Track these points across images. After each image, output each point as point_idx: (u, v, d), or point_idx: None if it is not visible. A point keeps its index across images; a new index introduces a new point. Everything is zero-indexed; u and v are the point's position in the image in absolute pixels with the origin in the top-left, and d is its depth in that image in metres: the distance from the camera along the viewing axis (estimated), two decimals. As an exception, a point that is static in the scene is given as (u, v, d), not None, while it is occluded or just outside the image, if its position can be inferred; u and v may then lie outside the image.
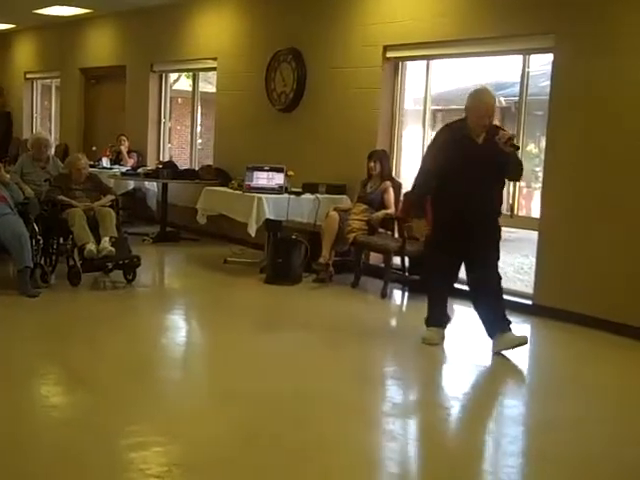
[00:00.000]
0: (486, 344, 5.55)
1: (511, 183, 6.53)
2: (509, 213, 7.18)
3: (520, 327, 6.31)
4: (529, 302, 6.68)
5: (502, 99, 13.70)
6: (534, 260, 6.81)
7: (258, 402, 4.25)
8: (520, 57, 6.99)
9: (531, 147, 11.13)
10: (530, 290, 6.80)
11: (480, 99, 5.24)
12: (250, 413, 4.09)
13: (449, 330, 5.70)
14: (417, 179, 5.53)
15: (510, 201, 7.19)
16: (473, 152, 5.24)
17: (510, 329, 5.38)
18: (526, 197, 11.36)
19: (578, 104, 6.24)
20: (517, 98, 7.31)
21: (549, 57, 6.59)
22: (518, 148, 5.15)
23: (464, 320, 6.72)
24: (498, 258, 5.50)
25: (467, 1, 7.12)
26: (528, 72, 6.95)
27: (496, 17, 6.83)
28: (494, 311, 5.43)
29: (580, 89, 6.22)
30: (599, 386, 4.88)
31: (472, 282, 5.54)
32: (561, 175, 6.42)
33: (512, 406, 4.69)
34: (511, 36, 6.82)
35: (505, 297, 6.85)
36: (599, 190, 6.10)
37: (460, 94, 14.55)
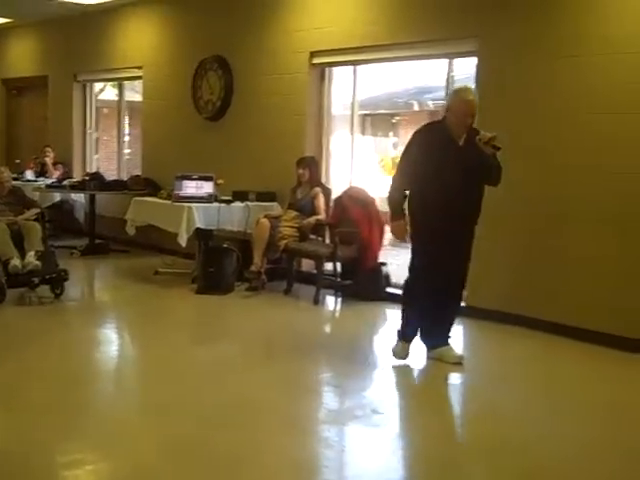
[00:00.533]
0: (420, 348, 5.58)
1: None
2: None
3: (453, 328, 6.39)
4: (462, 304, 6.69)
5: (430, 103, 13.90)
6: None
7: (192, 414, 4.18)
8: (445, 61, 7.07)
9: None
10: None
11: (463, 97, 5.01)
12: (184, 426, 4.02)
13: (386, 334, 5.70)
14: (394, 182, 5.23)
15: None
16: (455, 154, 5.02)
17: (450, 344, 5.38)
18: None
19: (502, 106, 6.32)
20: (443, 102, 7.37)
21: (475, 60, 6.66)
22: (500, 149, 4.88)
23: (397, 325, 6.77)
24: (468, 268, 5.35)
25: (392, 7, 7.16)
26: (453, 76, 7.04)
27: (421, 22, 6.89)
28: (448, 322, 5.39)
29: (503, 91, 6.31)
30: (530, 383, 4.95)
31: (440, 288, 5.25)
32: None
33: (448, 407, 4.73)
34: (436, 40, 6.88)
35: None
36: (523, 190, 6.17)
37: (388, 98, 14.78)
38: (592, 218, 5.84)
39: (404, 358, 5.28)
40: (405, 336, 5.32)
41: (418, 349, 5.51)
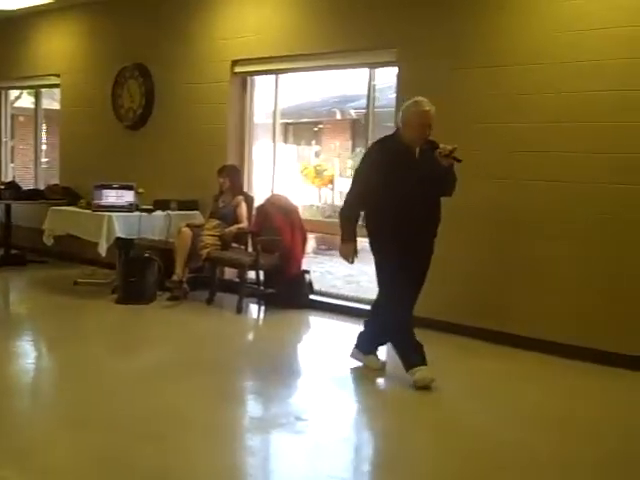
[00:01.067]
0: (344, 355, 5.61)
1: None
2: (362, 224, 7.32)
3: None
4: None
5: (352, 111, 14.03)
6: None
7: (114, 427, 4.09)
8: (366, 70, 7.15)
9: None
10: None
11: (419, 109, 4.88)
12: (106, 439, 3.93)
13: (310, 342, 5.70)
14: (348, 199, 5.06)
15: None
16: (413, 167, 4.91)
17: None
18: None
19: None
20: (364, 110, 7.45)
21: (395, 70, 6.75)
22: (461, 161, 4.77)
23: (323, 332, 6.80)
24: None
25: (313, 16, 7.22)
26: (374, 85, 7.13)
27: (342, 32, 6.96)
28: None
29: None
30: (455, 389, 5.03)
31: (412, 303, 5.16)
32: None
33: (371, 413, 4.75)
34: (357, 50, 6.96)
35: (361, 306, 7.06)
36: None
37: (310, 107, 14.85)
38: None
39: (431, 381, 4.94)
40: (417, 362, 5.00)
41: (343, 358, 5.55)
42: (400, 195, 4.84)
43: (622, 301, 5.52)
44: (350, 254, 5.07)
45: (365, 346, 5.40)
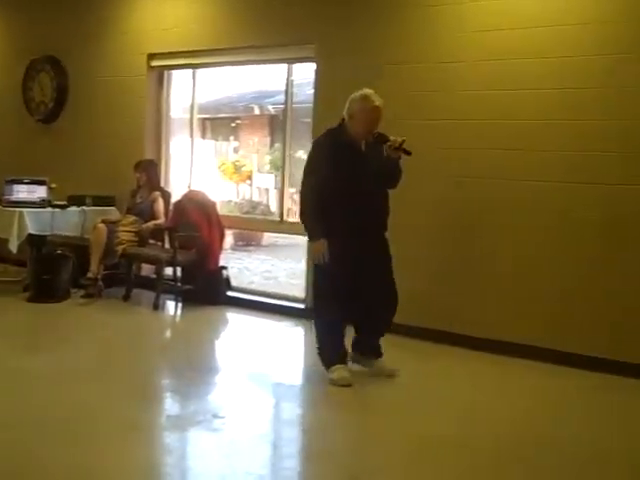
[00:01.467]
0: (262, 351, 5.61)
1: (277, 190, 6.60)
2: (279, 219, 7.35)
3: (293, 330, 6.49)
4: (302, 306, 6.83)
5: (270, 107, 14.01)
6: (306, 265, 6.97)
7: (24, 428, 3.97)
8: (285, 66, 7.15)
9: (300, 154, 11.42)
10: (303, 294, 6.94)
11: (369, 103, 4.80)
12: (16, 438, 3.83)
13: (227, 338, 5.64)
14: (306, 196, 4.90)
15: (279, 207, 7.34)
16: (361, 161, 4.85)
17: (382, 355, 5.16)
18: (297, 203, 11.63)
19: (339, 111, 6.46)
20: (283, 106, 7.44)
21: (313, 66, 6.77)
22: (411, 153, 4.69)
23: (241, 328, 6.78)
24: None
25: (230, 11, 7.18)
26: (292, 80, 7.14)
27: (260, 27, 6.95)
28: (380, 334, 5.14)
29: (340, 96, 6.44)
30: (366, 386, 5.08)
31: (369, 306, 5.02)
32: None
33: (288, 409, 4.78)
34: (274, 45, 6.96)
35: (279, 302, 7.06)
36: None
37: (228, 102, 14.75)
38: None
39: (349, 382, 4.88)
40: (338, 359, 4.97)
41: (260, 355, 5.54)
42: (348, 189, 4.77)
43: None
44: (323, 252, 4.80)
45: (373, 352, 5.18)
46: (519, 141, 5.65)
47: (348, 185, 4.77)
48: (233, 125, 15.83)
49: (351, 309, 4.96)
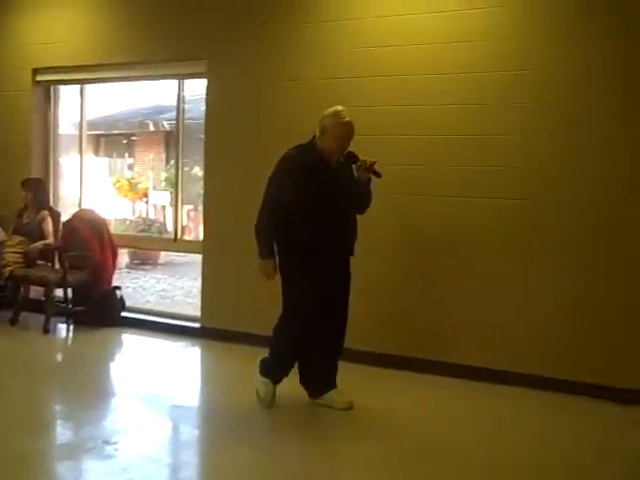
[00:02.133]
0: (156, 373, 5.47)
1: (173, 206, 6.49)
2: (172, 237, 7.23)
3: (190, 350, 6.37)
4: (197, 325, 6.72)
5: (165, 123, 13.83)
6: (201, 283, 6.85)
7: None
8: (176, 82, 7.04)
9: (196, 170, 11.32)
10: (199, 313, 6.82)
11: (341, 119, 4.58)
12: None
13: (122, 360, 5.45)
14: (263, 212, 4.68)
15: (174, 225, 7.22)
16: (329, 179, 4.61)
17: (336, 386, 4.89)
18: (194, 220, 11.52)
19: (231, 126, 6.43)
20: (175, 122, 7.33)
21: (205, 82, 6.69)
22: (381, 175, 4.54)
23: (135, 350, 6.61)
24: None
25: (120, 25, 7.03)
26: (184, 96, 7.04)
27: (150, 42, 6.83)
28: (332, 366, 4.89)
29: (232, 112, 6.42)
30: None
31: (322, 328, 4.74)
32: (220, 197, 6.56)
33: (184, 431, 4.66)
34: (165, 61, 6.86)
35: (174, 322, 6.93)
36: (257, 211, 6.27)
37: (123, 118, 14.50)
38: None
39: (272, 403, 4.80)
40: (277, 378, 4.84)
41: (153, 376, 5.41)
42: (315, 209, 4.56)
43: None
44: (271, 271, 4.67)
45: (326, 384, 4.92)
46: (419, 156, 5.69)
47: (317, 204, 4.56)
48: (126, 142, 15.57)
49: (314, 330, 4.71)
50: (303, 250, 4.59)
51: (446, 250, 5.64)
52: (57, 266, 7.13)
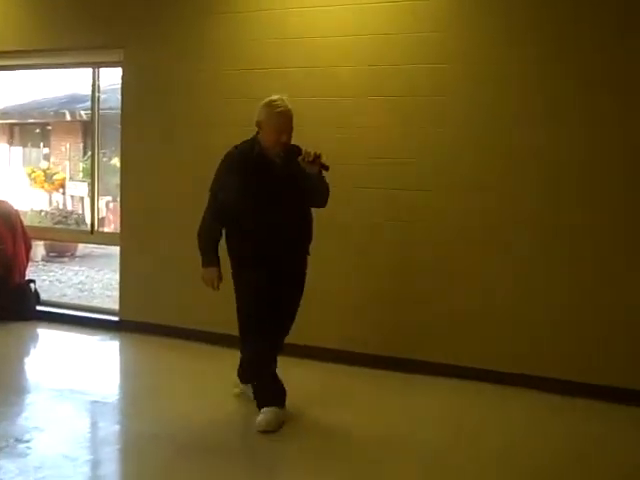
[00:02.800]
0: (70, 368, 5.35)
1: (91, 198, 6.34)
2: (89, 229, 7.08)
3: (108, 344, 6.25)
4: (116, 318, 6.59)
5: (82, 112, 13.53)
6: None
7: None
8: (90, 70, 6.88)
9: (115, 160, 11.12)
10: (117, 306, 6.70)
11: (276, 107, 4.30)
12: None
13: (37, 355, 5.30)
14: (205, 217, 4.47)
15: (91, 217, 7.08)
16: (273, 176, 4.35)
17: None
18: (114, 212, 11.31)
19: (147, 116, 6.32)
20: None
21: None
22: (328, 168, 4.28)
23: (50, 344, 6.47)
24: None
25: (33, 11, 6.80)
26: (99, 85, 6.88)
27: (64, 29, 6.62)
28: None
29: (149, 102, 6.31)
30: (181, 392, 4.97)
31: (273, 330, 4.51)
32: (136, 187, 6.45)
33: (103, 427, 4.58)
34: (79, 49, 6.66)
35: (92, 315, 6.81)
36: (177, 199, 6.20)
37: (38, 107, 14.12)
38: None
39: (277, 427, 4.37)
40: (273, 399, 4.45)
41: (67, 370, 5.29)
42: (260, 209, 4.33)
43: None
44: (214, 280, 4.46)
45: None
46: (351, 148, 5.60)
47: (258, 204, 4.34)
48: (41, 131, 15.17)
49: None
50: (251, 253, 4.37)
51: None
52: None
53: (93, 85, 6.86)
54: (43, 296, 7.13)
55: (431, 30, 5.36)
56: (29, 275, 7.08)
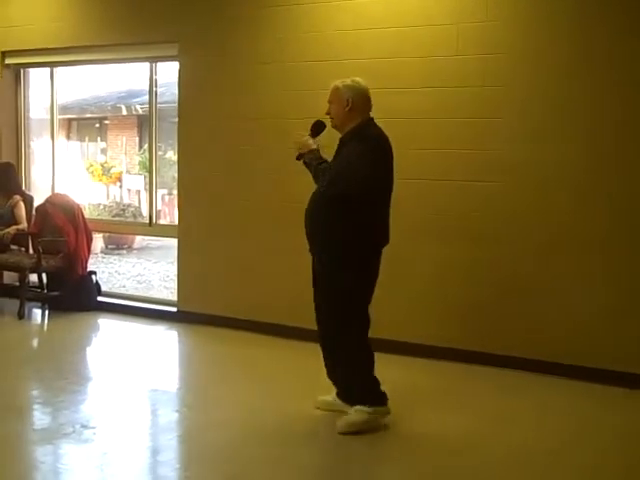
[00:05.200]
0: (134, 359, 5.46)
1: (147, 191, 6.43)
2: (148, 222, 7.19)
3: (167, 334, 6.36)
4: (174, 309, 6.70)
5: (138, 107, 13.73)
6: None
7: None
8: (147, 65, 6.98)
9: (170, 154, 11.27)
10: (175, 298, 6.80)
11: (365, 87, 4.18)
12: None
13: (99, 345, 5.42)
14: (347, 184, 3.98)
15: (149, 209, 7.18)
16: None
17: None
18: (169, 204, 11.48)
19: (204, 109, 6.38)
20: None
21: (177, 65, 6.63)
22: (298, 158, 4.23)
23: (111, 334, 6.59)
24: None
25: (89, 7, 6.92)
26: (156, 79, 6.97)
27: (122, 24, 6.73)
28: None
29: (205, 95, 6.37)
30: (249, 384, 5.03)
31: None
32: (193, 181, 6.53)
33: (163, 415, 4.65)
34: (136, 44, 6.77)
35: (150, 306, 6.91)
36: (233, 192, 6.28)
37: (95, 102, 14.36)
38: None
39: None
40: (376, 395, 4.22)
41: (133, 361, 5.39)
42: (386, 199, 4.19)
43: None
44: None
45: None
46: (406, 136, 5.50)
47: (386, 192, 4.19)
48: (99, 126, 15.43)
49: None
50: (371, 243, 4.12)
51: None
52: (31, 251, 7.08)
53: (150, 79, 6.95)
54: (103, 287, 7.28)
55: (483, 20, 5.32)
56: (90, 267, 7.22)
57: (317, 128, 4.28)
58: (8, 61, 7.45)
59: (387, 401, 4.18)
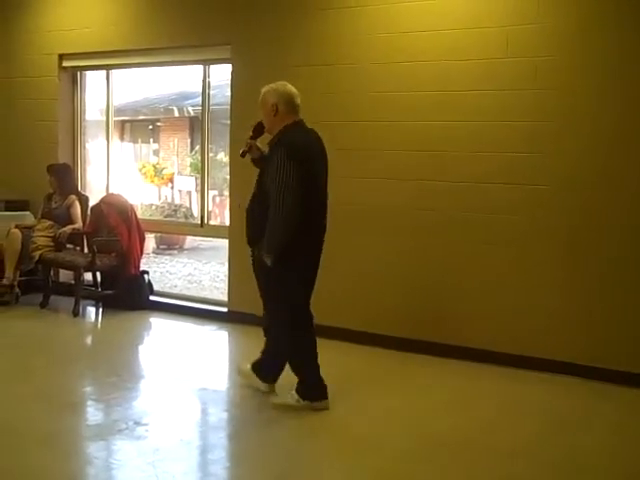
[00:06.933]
0: (184, 356, 5.53)
1: (199, 193, 6.49)
2: (199, 222, 7.27)
3: (217, 334, 6.42)
4: (225, 309, 6.76)
5: (190, 109, 13.87)
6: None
7: None
8: (201, 67, 7.06)
9: (221, 156, 11.37)
10: (226, 298, 6.87)
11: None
12: None
13: (151, 344, 5.48)
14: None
15: (200, 210, 7.26)
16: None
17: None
18: (220, 206, 11.58)
19: (256, 111, 6.40)
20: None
21: (229, 67, 6.70)
22: (242, 155, 4.64)
23: (163, 333, 6.67)
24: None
25: (145, 10, 7.04)
26: (209, 82, 7.04)
27: (174, 27, 6.84)
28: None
29: (257, 97, 6.39)
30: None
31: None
32: (243, 182, 6.54)
33: (213, 414, 4.71)
34: (190, 47, 6.86)
35: (202, 306, 6.97)
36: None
37: (148, 104, 14.55)
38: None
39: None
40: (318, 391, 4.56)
41: (184, 360, 5.45)
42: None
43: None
44: None
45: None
46: (432, 143, 5.67)
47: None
48: (152, 127, 15.62)
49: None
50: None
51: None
52: (86, 250, 7.21)
53: (204, 81, 7.02)
54: (155, 287, 7.38)
55: (536, 22, 5.29)
56: (142, 266, 7.33)
57: (258, 130, 4.54)
58: (65, 64, 7.61)
59: (326, 395, 4.50)
